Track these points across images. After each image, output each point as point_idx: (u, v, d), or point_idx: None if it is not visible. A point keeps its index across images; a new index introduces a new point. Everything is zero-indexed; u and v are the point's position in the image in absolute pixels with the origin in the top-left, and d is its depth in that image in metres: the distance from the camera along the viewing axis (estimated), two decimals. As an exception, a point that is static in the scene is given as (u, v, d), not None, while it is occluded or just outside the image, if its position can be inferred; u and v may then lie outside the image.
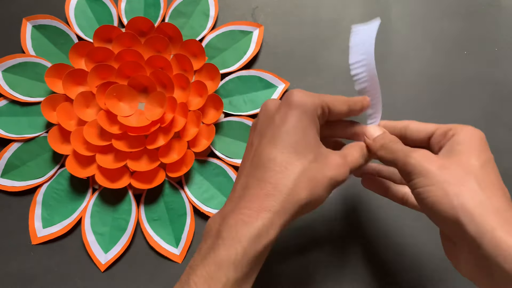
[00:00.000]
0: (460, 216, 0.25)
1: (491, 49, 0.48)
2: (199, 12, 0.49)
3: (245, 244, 0.26)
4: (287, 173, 0.28)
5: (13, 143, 0.45)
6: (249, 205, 0.27)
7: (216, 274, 0.25)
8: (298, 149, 0.29)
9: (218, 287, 0.25)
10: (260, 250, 0.26)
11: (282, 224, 0.27)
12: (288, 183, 0.28)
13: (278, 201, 0.27)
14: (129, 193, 0.44)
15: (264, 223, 0.26)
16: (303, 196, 0.28)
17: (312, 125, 0.30)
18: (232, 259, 0.25)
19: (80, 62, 0.46)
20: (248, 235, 0.26)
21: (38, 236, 0.43)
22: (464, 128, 0.30)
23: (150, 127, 0.43)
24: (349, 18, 0.49)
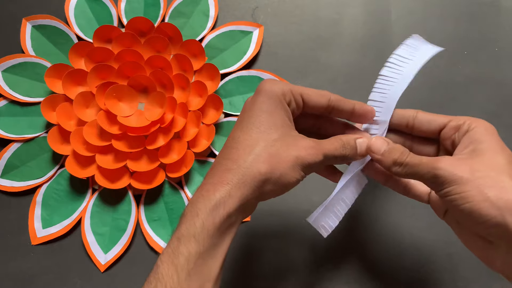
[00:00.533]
0: (507, 216, 0.25)
1: (491, 49, 0.48)
2: (199, 12, 0.49)
3: (202, 217, 0.26)
4: (248, 149, 0.28)
5: (13, 143, 0.45)
6: (209, 181, 0.28)
7: (178, 248, 0.26)
8: (261, 128, 0.29)
9: (180, 260, 0.26)
10: (218, 222, 0.27)
11: (241, 197, 0.27)
12: (247, 158, 0.28)
13: (237, 175, 0.28)
14: (129, 194, 0.44)
15: (221, 195, 0.27)
16: (262, 170, 0.28)
17: (279, 109, 0.30)
18: (192, 232, 0.26)
19: (80, 62, 0.46)
20: (205, 208, 0.27)
21: (38, 237, 0.43)
22: (478, 123, 0.30)
23: (150, 127, 0.43)
24: (349, 18, 0.49)
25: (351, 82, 0.47)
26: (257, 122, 0.29)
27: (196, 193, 0.28)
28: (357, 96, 0.41)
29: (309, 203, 0.44)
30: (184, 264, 0.26)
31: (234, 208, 0.27)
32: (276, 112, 0.30)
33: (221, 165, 0.29)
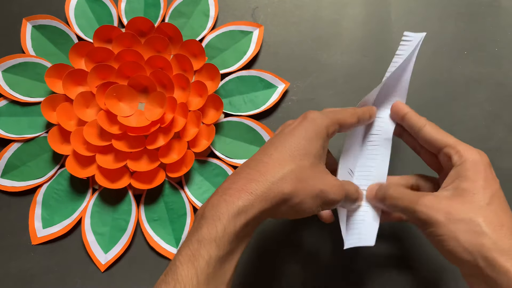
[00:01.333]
0: (478, 260, 0.28)
1: (491, 49, 0.48)
2: (199, 12, 0.49)
3: (224, 222, 0.27)
4: (278, 167, 0.29)
5: (13, 143, 0.45)
6: (233, 186, 0.28)
7: (199, 251, 0.26)
8: (295, 153, 0.30)
9: (201, 263, 0.26)
10: (239, 228, 0.27)
11: (261, 209, 0.28)
12: (275, 175, 0.29)
13: (262, 187, 0.28)
14: (129, 193, 0.44)
15: (244, 203, 0.27)
16: (286, 190, 0.28)
17: (317, 139, 0.31)
18: (213, 237, 0.27)
19: (80, 62, 0.46)
20: (228, 213, 0.27)
21: (38, 236, 0.43)
22: (469, 155, 0.32)
23: (150, 127, 0.43)
24: (349, 18, 0.49)
25: (351, 82, 0.47)
26: (294, 146, 0.30)
27: (217, 196, 0.29)
28: (357, 96, 0.41)
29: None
30: (204, 268, 0.26)
31: (253, 218, 0.28)
32: (314, 142, 0.31)
33: (247, 173, 0.29)
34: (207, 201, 0.29)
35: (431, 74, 0.47)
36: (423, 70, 0.47)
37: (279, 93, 0.46)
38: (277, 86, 0.46)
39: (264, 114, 0.46)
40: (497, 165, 0.44)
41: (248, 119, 0.46)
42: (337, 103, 0.46)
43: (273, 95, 0.46)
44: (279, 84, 0.46)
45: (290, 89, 0.47)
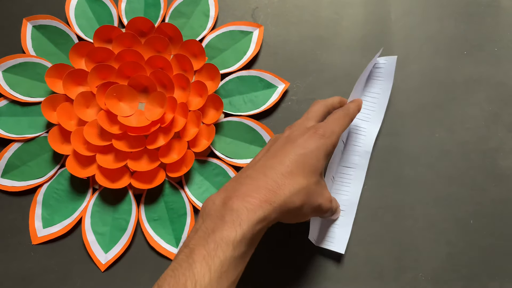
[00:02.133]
0: None
1: (491, 49, 0.48)
2: (199, 12, 0.49)
3: (244, 228, 0.29)
4: (292, 182, 0.32)
5: (14, 143, 0.45)
6: (254, 195, 0.30)
7: (215, 251, 0.28)
8: (306, 170, 0.33)
9: (215, 262, 0.28)
10: (256, 233, 0.30)
11: (275, 219, 0.31)
12: (292, 190, 0.32)
13: (279, 200, 0.31)
14: (129, 193, 0.44)
15: (264, 213, 0.30)
16: (297, 203, 0.32)
17: (325, 159, 0.35)
18: (232, 240, 0.28)
19: (80, 62, 0.46)
20: (249, 221, 0.29)
21: (38, 236, 0.43)
22: None
23: (150, 127, 0.43)
24: (349, 18, 0.49)
25: (351, 82, 0.47)
26: (307, 163, 0.33)
27: (236, 200, 0.30)
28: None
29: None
30: (218, 267, 0.28)
31: (268, 225, 0.31)
32: (322, 161, 0.34)
33: (266, 183, 0.31)
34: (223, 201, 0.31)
35: (431, 74, 0.47)
36: (423, 70, 0.47)
37: (279, 93, 0.46)
38: (277, 86, 0.46)
39: (264, 114, 0.46)
40: (497, 165, 0.44)
41: (248, 119, 0.46)
42: (337, 103, 0.46)
43: (273, 95, 0.46)
44: (279, 84, 0.46)
45: (290, 89, 0.47)
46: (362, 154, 0.44)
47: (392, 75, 0.44)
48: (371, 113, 0.45)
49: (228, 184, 0.33)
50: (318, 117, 0.38)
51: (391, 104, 0.46)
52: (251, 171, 0.33)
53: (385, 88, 0.45)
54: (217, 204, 0.31)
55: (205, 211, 0.31)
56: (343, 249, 0.41)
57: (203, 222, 0.30)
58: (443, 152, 0.45)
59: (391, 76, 0.44)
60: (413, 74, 0.47)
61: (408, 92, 0.47)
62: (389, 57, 0.45)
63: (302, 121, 0.37)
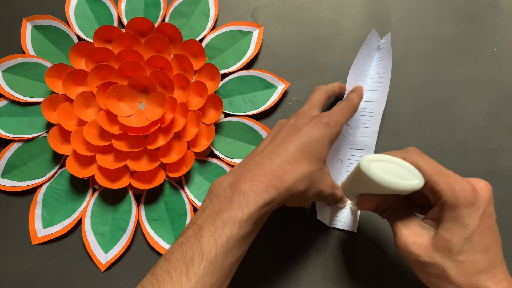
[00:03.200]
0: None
1: (490, 50, 0.48)
2: (199, 12, 0.49)
3: (251, 209, 0.30)
4: (298, 169, 0.33)
5: (14, 143, 0.45)
6: (261, 180, 0.32)
7: (222, 229, 0.30)
8: (311, 157, 0.34)
9: (222, 239, 0.29)
10: (261, 215, 0.31)
11: (280, 203, 0.33)
12: (296, 176, 0.33)
13: (284, 186, 0.32)
14: (129, 193, 0.44)
15: (270, 197, 0.31)
16: (301, 189, 0.33)
17: (328, 146, 0.36)
18: (238, 219, 0.30)
19: (80, 62, 0.46)
20: (256, 203, 0.31)
21: (38, 236, 0.43)
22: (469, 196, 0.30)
23: (150, 127, 0.43)
24: (349, 19, 0.49)
25: (351, 82, 0.47)
26: (311, 150, 0.35)
27: (244, 184, 0.32)
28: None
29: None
30: (224, 243, 0.29)
31: (273, 209, 0.33)
32: (326, 148, 0.36)
33: (272, 169, 0.33)
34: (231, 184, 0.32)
35: (431, 74, 0.47)
36: (423, 70, 0.47)
37: (279, 93, 0.46)
38: (277, 86, 0.46)
39: (264, 114, 0.46)
40: (497, 165, 0.44)
41: (248, 119, 0.46)
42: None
43: (273, 95, 0.46)
44: (279, 84, 0.46)
45: (290, 89, 0.47)
46: (369, 135, 0.44)
47: (390, 51, 0.45)
48: (377, 93, 0.45)
49: (235, 168, 0.34)
50: (321, 104, 0.40)
51: (391, 105, 0.46)
52: (258, 157, 0.34)
53: (388, 66, 0.45)
54: (224, 186, 0.32)
55: (213, 192, 0.33)
56: (355, 227, 0.42)
57: (210, 202, 0.32)
58: (443, 152, 0.45)
59: (390, 53, 0.45)
60: (413, 74, 0.47)
61: (408, 92, 0.47)
62: (386, 35, 0.45)
63: (307, 109, 0.39)
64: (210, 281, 0.29)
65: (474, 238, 0.29)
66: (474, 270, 0.29)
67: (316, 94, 0.41)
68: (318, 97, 0.40)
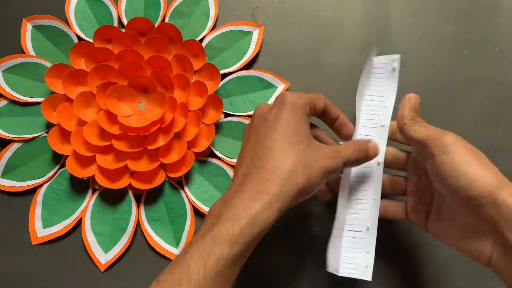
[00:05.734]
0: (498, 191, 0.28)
1: (491, 49, 0.48)
2: (199, 12, 0.49)
3: (242, 224, 0.27)
4: (283, 160, 0.30)
5: (13, 143, 0.45)
6: (248, 189, 0.29)
7: (211, 248, 0.27)
8: (291, 140, 0.31)
9: (212, 260, 0.26)
10: (257, 231, 0.28)
11: (280, 207, 0.29)
12: (284, 169, 0.29)
13: (276, 186, 0.29)
14: (129, 193, 0.44)
15: (262, 205, 0.28)
16: (300, 180, 0.29)
17: (302, 120, 0.32)
18: (229, 237, 0.27)
19: (80, 62, 0.46)
20: (246, 216, 0.27)
21: (38, 236, 0.43)
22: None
23: (150, 127, 0.43)
24: (349, 18, 0.49)
25: (351, 82, 0.47)
26: (289, 133, 0.31)
27: (234, 199, 0.29)
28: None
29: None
30: (213, 264, 0.26)
31: (273, 218, 0.28)
32: (300, 123, 0.32)
33: (258, 174, 0.30)
34: (223, 203, 0.30)
35: (431, 74, 0.47)
36: (423, 70, 0.47)
37: (279, 93, 0.46)
38: (277, 86, 0.46)
39: (264, 114, 0.46)
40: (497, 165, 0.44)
41: (248, 119, 0.46)
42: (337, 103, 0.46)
43: (273, 95, 0.46)
44: (279, 84, 0.46)
45: (290, 89, 0.47)
46: (372, 166, 0.38)
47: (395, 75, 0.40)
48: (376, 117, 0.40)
49: (229, 187, 0.33)
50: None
51: (391, 104, 0.46)
52: (243, 168, 0.32)
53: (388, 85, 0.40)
54: (217, 205, 0.31)
55: (208, 215, 0.31)
56: (369, 275, 0.36)
57: (205, 224, 0.30)
58: (443, 152, 0.45)
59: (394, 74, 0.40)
60: (413, 74, 0.47)
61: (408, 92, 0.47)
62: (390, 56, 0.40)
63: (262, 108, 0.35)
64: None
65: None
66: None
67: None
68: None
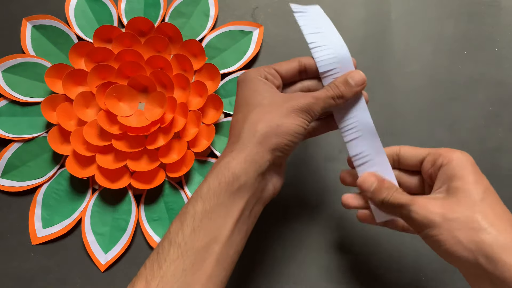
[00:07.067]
0: (479, 258, 0.27)
1: (491, 49, 0.48)
2: (199, 12, 0.49)
3: (209, 180, 0.29)
4: (244, 120, 0.31)
5: (13, 143, 0.45)
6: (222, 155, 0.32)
7: (186, 208, 0.29)
8: (250, 102, 0.32)
9: (187, 218, 0.28)
10: (224, 182, 0.29)
11: (245, 158, 0.30)
12: (245, 126, 0.31)
13: (239, 142, 0.31)
14: (129, 193, 0.44)
15: (225, 160, 0.30)
16: (258, 127, 0.30)
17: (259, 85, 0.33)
18: (199, 194, 0.29)
19: (80, 62, 0.46)
20: (211, 173, 0.30)
21: (38, 236, 0.43)
22: (453, 156, 0.31)
23: (150, 127, 0.43)
24: (349, 18, 0.49)
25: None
26: (245, 101, 0.33)
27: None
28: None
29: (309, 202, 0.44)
30: (189, 221, 0.28)
31: (239, 168, 0.29)
32: (258, 87, 0.33)
33: (227, 144, 0.32)
34: None
35: (431, 74, 0.47)
36: (423, 70, 0.47)
37: (279, 93, 0.46)
38: (277, 86, 0.46)
39: (264, 114, 0.46)
40: (497, 165, 0.44)
41: (248, 119, 0.45)
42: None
43: (273, 95, 0.46)
44: (279, 84, 0.46)
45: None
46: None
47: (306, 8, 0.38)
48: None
49: None
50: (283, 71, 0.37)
51: (391, 104, 0.46)
52: None
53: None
54: None
55: None
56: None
57: None
58: (443, 152, 0.45)
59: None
60: (413, 74, 0.47)
61: (408, 92, 0.47)
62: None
63: None
64: (183, 266, 0.27)
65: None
66: None
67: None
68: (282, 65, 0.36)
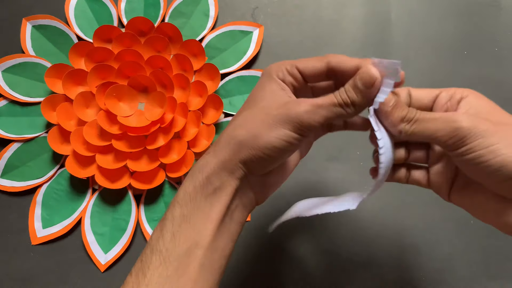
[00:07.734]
0: None
1: (491, 49, 0.48)
2: (199, 12, 0.49)
3: (185, 184, 0.29)
4: (233, 120, 0.30)
5: (13, 143, 0.45)
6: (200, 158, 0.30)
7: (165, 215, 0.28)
8: (249, 101, 0.30)
9: (166, 223, 0.28)
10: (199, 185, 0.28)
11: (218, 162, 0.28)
12: (228, 127, 0.29)
13: (218, 144, 0.29)
14: (129, 193, 0.44)
15: (199, 163, 0.29)
16: (237, 133, 0.28)
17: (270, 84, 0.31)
18: (176, 200, 0.28)
19: (80, 62, 0.46)
20: (186, 177, 0.29)
21: (38, 236, 0.43)
22: (469, 91, 0.29)
23: (150, 127, 0.43)
24: (349, 18, 0.49)
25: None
26: (250, 98, 0.31)
27: None
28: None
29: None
30: (169, 227, 0.27)
31: (212, 171, 0.28)
32: (266, 86, 0.30)
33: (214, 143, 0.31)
34: None
35: (431, 74, 0.47)
36: (423, 70, 0.47)
37: (279, 93, 0.46)
38: (277, 86, 0.46)
39: (264, 114, 0.46)
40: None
41: (248, 119, 0.45)
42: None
43: (273, 95, 0.46)
44: (279, 84, 0.46)
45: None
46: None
47: None
48: None
49: None
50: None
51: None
52: None
53: None
54: None
55: None
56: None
57: None
58: (443, 152, 0.45)
59: None
60: (413, 74, 0.47)
61: (408, 92, 0.47)
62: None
63: None
64: (166, 273, 0.26)
65: None
66: None
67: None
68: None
